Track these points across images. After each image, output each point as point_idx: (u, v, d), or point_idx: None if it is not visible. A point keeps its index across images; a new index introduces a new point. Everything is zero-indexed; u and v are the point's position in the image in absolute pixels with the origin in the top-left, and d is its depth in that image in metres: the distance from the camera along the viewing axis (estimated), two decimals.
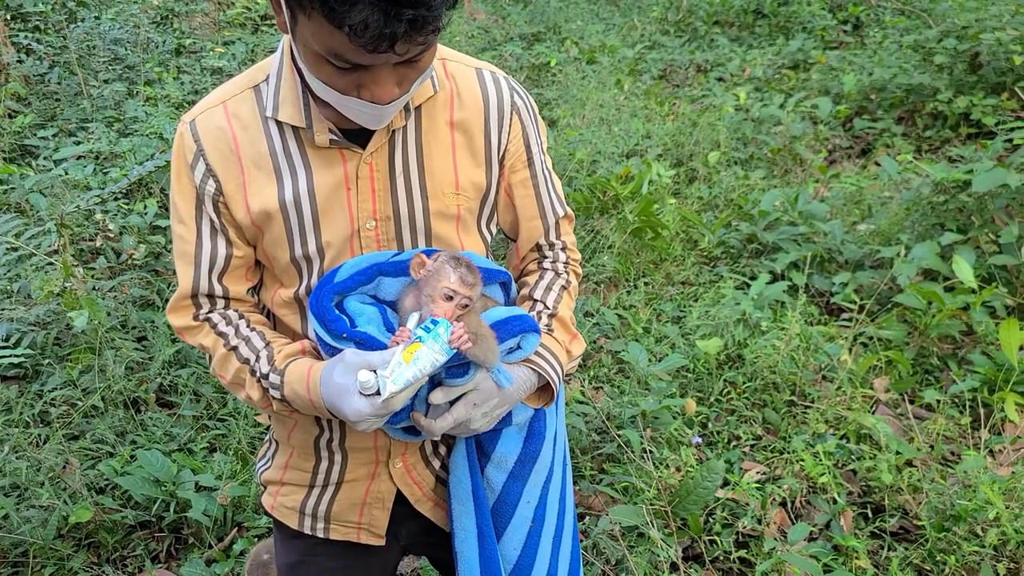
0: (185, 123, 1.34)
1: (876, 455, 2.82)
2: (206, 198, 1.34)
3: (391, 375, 1.19)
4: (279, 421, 1.53)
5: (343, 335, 1.27)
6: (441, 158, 1.37)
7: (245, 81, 1.36)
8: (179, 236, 1.38)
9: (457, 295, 1.26)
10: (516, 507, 1.48)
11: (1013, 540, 2.41)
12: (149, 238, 4.03)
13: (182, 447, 3.04)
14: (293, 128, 1.31)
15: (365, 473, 1.50)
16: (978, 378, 3.23)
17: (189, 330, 1.42)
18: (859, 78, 6.44)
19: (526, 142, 1.44)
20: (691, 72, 7.64)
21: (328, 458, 1.51)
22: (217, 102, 1.35)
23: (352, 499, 1.52)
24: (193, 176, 1.33)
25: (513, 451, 1.46)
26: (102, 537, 2.73)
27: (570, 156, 5.07)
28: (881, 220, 4.32)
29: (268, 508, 1.61)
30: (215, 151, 1.32)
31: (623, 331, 3.77)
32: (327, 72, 1.15)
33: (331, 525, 1.55)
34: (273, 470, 1.59)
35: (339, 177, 1.32)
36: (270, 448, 1.63)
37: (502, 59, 7.39)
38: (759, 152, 5.72)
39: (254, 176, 1.32)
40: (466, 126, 1.38)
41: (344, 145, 1.31)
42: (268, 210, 1.32)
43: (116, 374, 3.14)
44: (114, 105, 5.66)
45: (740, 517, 2.66)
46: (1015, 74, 5.64)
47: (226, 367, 1.39)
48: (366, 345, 1.26)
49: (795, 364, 3.24)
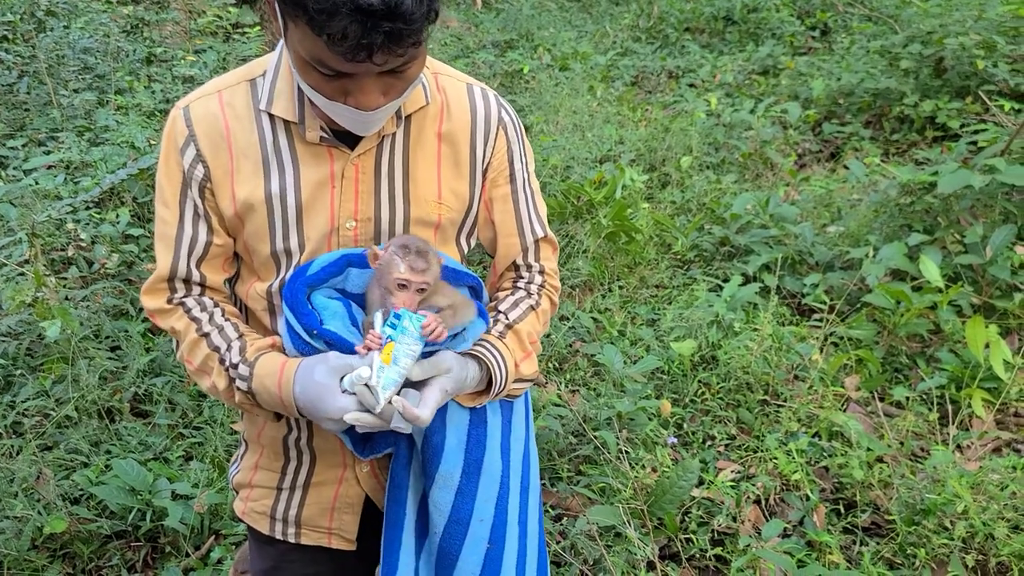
0: (179, 108, 1.36)
1: (847, 452, 2.86)
2: (193, 183, 1.35)
3: (379, 382, 1.21)
4: (251, 420, 1.54)
5: (313, 331, 1.28)
6: (426, 167, 1.40)
7: (242, 74, 1.39)
8: (161, 219, 1.39)
9: (411, 283, 1.26)
10: (468, 526, 1.39)
11: (981, 532, 2.46)
12: (122, 247, 4.00)
13: (157, 456, 3.03)
14: (285, 123, 1.35)
15: (333, 477, 1.51)
16: (946, 375, 3.29)
17: (161, 312, 1.42)
18: (827, 83, 6.54)
19: (510, 158, 1.46)
20: (663, 78, 7.72)
21: (296, 458, 1.52)
22: (213, 91, 1.37)
23: (321, 503, 1.53)
24: (182, 160, 1.35)
25: (456, 465, 1.39)
26: (77, 548, 2.70)
27: (544, 162, 5.11)
28: (850, 222, 4.39)
29: (240, 513, 1.61)
30: (207, 138, 1.34)
31: (598, 334, 3.80)
32: (314, 78, 1.19)
33: (302, 530, 1.55)
34: (243, 472, 1.60)
35: (325, 174, 1.35)
36: (240, 449, 1.64)
37: (475, 67, 7.42)
38: (730, 156, 5.79)
39: (242, 165, 1.34)
40: (453, 138, 1.41)
41: (333, 144, 1.34)
42: (252, 201, 1.35)
43: (90, 384, 3.12)
44: (84, 114, 5.61)
45: (715, 515, 2.69)
46: (979, 78, 5.75)
47: (195, 353, 1.40)
48: (335, 346, 1.28)
49: (768, 364, 3.29)
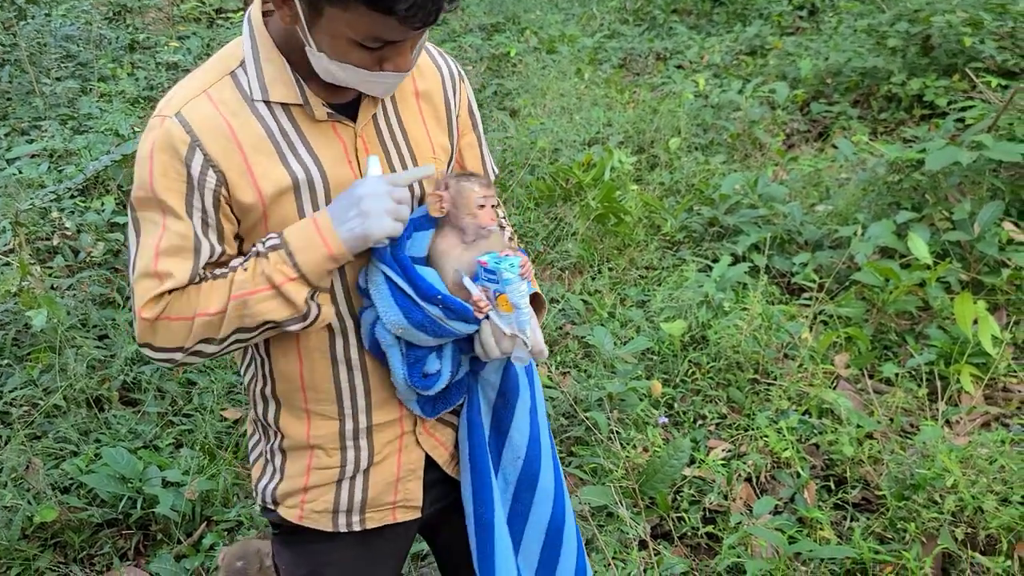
0: (167, 117, 1.28)
1: (837, 429, 2.87)
2: (205, 191, 1.28)
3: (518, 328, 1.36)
4: (292, 420, 1.46)
5: (438, 297, 1.32)
6: (416, 126, 1.45)
7: (218, 68, 1.33)
8: (173, 231, 1.29)
9: (487, 199, 1.39)
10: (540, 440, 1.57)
11: (970, 506, 2.47)
12: (107, 235, 3.98)
13: (147, 444, 3.02)
14: (284, 108, 1.32)
15: (393, 448, 1.49)
16: (934, 351, 3.31)
17: (166, 308, 1.30)
18: (815, 63, 6.53)
19: (470, 107, 1.57)
20: (650, 60, 7.69)
21: (355, 446, 1.47)
22: (198, 91, 1.30)
23: (386, 478, 1.50)
24: (188, 169, 1.27)
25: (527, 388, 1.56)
26: (68, 536, 2.70)
27: (532, 145, 5.09)
28: (839, 201, 4.40)
29: (295, 519, 1.50)
30: (214, 141, 1.28)
31: (589, 316, 3.80)
32: (357, 55, 1.21)
33: (367, 514, 1.51)
34: (290, 481, 1.49)
35: (339, 151, 1.35)
36: (272, 462, 1.53)
37: (462, 50, 7.38)
38: (719, 137, 5.78)
39: (257, 160, 1.30)
40: (429, 95, 1.47)
41: (338, 119, 1.34)
42: (282, 191, 1.31)
43: (77, 372, 3.11)
44: (68, 103, 5.57)
45: (707, 494, 2.70)
46: (966, 56, 5.74)
47: (207, 296, 1.30)
48: (456, 313, 1.34)
49: (758, 343, 3.29)
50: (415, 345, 1.38)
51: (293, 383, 1.44)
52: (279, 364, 1.44)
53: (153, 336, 1.32)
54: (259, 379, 1.48)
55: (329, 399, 1.44)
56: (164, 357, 1.34)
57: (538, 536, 1.60)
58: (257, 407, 1.52)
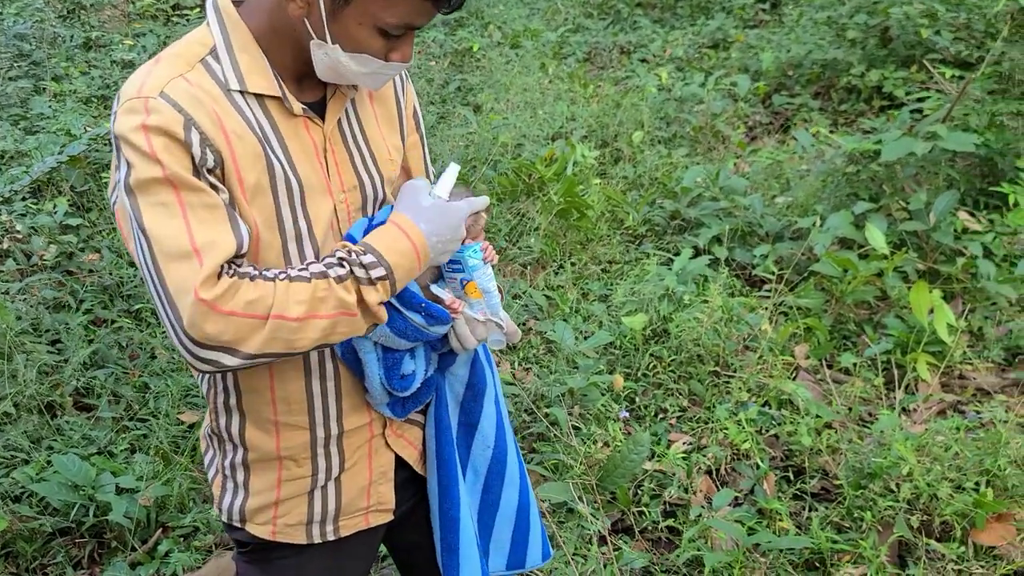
0: (152, 98, 1.16)
1: (797, 420, 2.89)
2: (203, 171, 1.18)
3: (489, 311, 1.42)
4: (259, 433, 1.40)
5: (422, 305, 1.34)
6: (373, 128, 1.43)
7: (187, 56, 1.24)
8: (196, 204, 1.16)
9: None
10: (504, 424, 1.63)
11: (925, 493, 2.50)
12: (60, 238, 3.89)
13: (102, 450, 2.96)
14: (259, 99, 1.27)
15: (363, 454, 1.47)
16: (892, 341, 3.34)
17: (227, 293, 1.14)
18: (777, 55, 6.57)
19: (415, 108, 1.55)
20: (615, 54, 7.69)
21: (325, 455, 1.43)
22: (174, 75, 1.21)
23: (359, 484, 1.47)
24: (192, 148, 1.16)
25: (492, 374, 1.61)
26: (20, 546, 2.64)
27: (494, 140, 5.06)
28: (799, 192, 4.42)
29: (267, 536, 1.45)
30: (205, 119, 1.18)
31: (551, 311, 3.79)
32: (378, 44, 1.21)
33: (340, 522, 1.48)
34: (258, 497, 1.44)
35: (309, 149, 1.32)
36: (233, 478, 1.46)
37: (425, 45, 7.33)
38: (682, 130, 5.80)
39: (241, 150, 1.22)
40: (381, 97, 1.47)
41: (311, 115, 1.32)
42: (263, 184, 1.25)
43: (28, 379, 3.04)
44: (20, 102, 5.44)
45: (667, 487, 2.70)
46: (923, 47, 5.81)
47: (294, 296, 1.18)
48: (436, 319, 1.36)
49: (718, 336, 3.30)
50: (391, 349, 1.38)
51: (262, 395, 1.38)
52: (247, 377, 1.37)
53: (215, 326, 1.13)
54: (220, 391, 1.41)
55: (300, 410, 1.39)
56: (212, 357, 1.16)
57: (508, 522, 1.65)
58: (219, 419, 1.43)
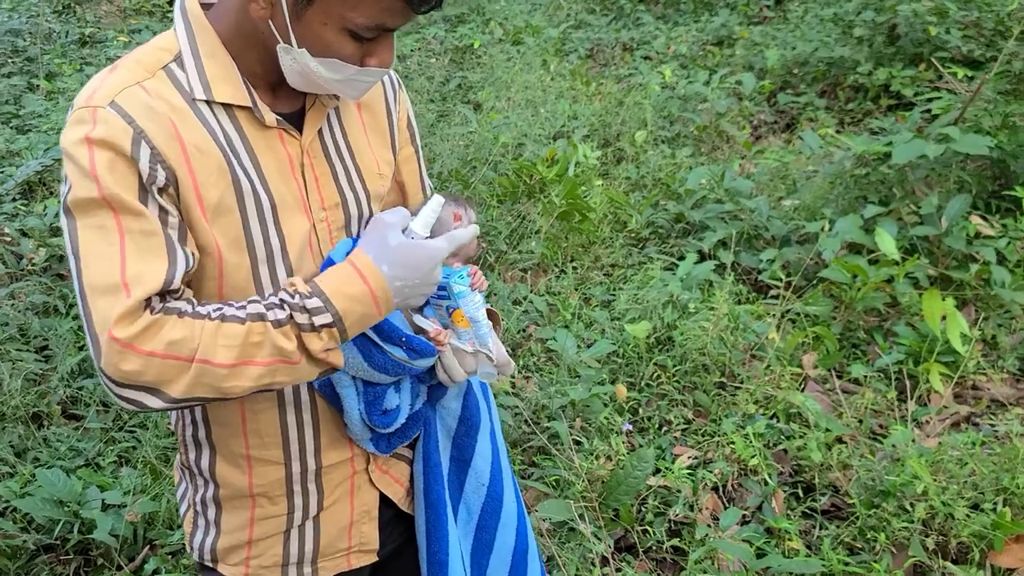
0: (101, 108, 1.08)
1: (806, 433, 2.80)
2: (153, 189, 1.09)
3: (479, 342, 1.32)
4: (230, 468, 1.31)
5: (402, 339, 1.23)
6: (361, 140, 1.33)
7: (148, 62, 1.16)
8: (134, 231, 1.08)
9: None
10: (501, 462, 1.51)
11: (941, 513, 2.40)
12: (50, 240, 3.80)
13: (89, 462, 2.87)
14: (227, 110, 1.17)
15: (344, 491, 1.36)
16: (903, 350, 3.24)
17: (146, 332, 1.06)
18: (782, 53, 6.46)
19: (409, 118, 1.45)
20: (617, 51, 7.59)
21: (302, 491, 1.33)
22: (130, 82, 1.12)
23: (339, 523, 1.37)
24: (139, 164, 1.08)
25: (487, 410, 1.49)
26: (3, 563, 2.55)
27: (495, 140, 4.96)
28: (805, 195, 4.32)
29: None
30: (159, 133, 1.10)
31: (552, 317, 3.69)
32: (347, 48, 1.12)
33: (319, 564, 1.38)
34: (229, 536, 1.35)
35: (284, 163, 1.22)
36: (204, 515, 1.37)
37: (425, 42, 7.23)
38: (685, 130, 5.69)
39: (201, 165, 1.13)
40: (370, 106, 1.37)
41: (286, 127, 1.22)
42: (227, 203, 1.15)
43: (13, 388, 2.95)
44: (13, 100, 5.36)
45: (672, 504, 2.61)
46: (931, 45, 5.70)
47: (223, 341, 1.09)
48: (420, 354, 1.25)
49: (724, 345, 3.21)
50: (372, 382, 1.28)
51: (232, 428, 1.28)
52: (216, 409, 1.28)
53: (127, 362, 1.05)
54: (189, 423, 1.32)
55: (275, 444, 1.30)
56: (134, 397, 1.08)
57: (503, 565, 1.52)
58: (188, 453, 1.34)
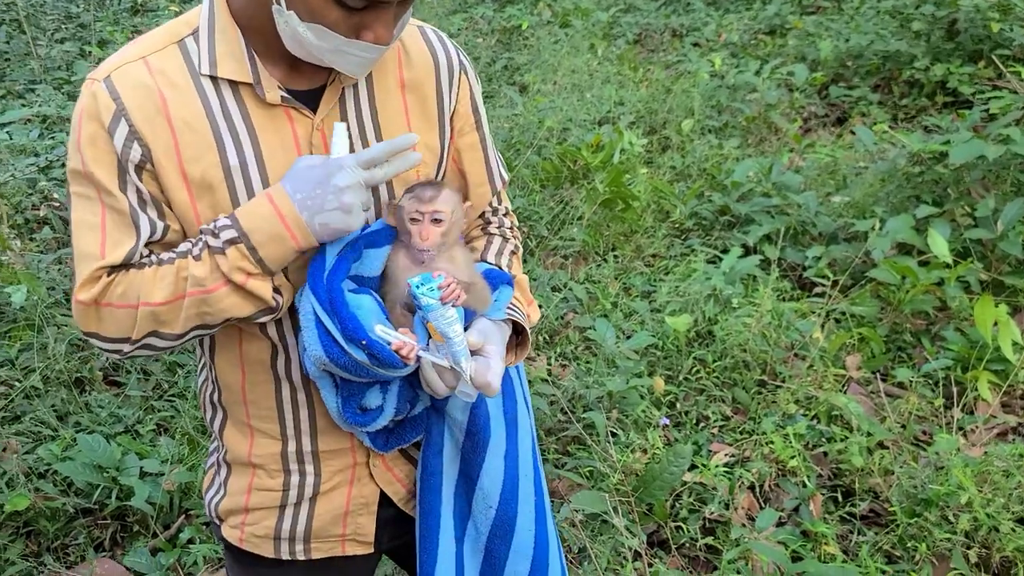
0: (96, 81, 1.16)
1: (847, 437, 2.74)
2: (129, 166, 1.15)
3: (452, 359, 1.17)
4: (235, 433, 1.36)
5: (363, 342, 1.12)
6: (398, 123, 1.27)
7: (165, 36, 1.20)
8: (111, 207, 1.17)
9: (423, 215, 1.20)
10: (518, 485, 1.36)
11: (985, 526, 2.35)
12: None
13: (128, 429, 2.91)
14: (232, 86, 1.17)
15: (343, 478, 1.36)
16: (951, 356, 3.16)
17: (103, 293, 1.16)
18: (836, 44, 6.31)
19: (474, 104, 1.37)
20: (666, 37, 7.47)
21: (299, 471, 1.34)
22: (135, 57, 1.18)
23: (333, 511, 1.37)
24: (113, 141, 1.14)
25: (501, 428, 1.35)
26: (42, 525, 2.60)
27: (540, 124, 4.92)
28: (855, 191, 4.23)
29: (235, 541, 1.40)
30: (139, 110, 1.15)
31: (591, 306, 3.66)
32: (335, 16, 1.07)
33: (312, 544, 1.38)
34: (231, 498, 1.39)
35: (288, 139, 1.19)
36: (219, 473, 1.42)
37: (473, 21, 7.18)
38: (734, 120, 5.60)
39: (188, 140, 1.16)
40: (417, 86, 1.29)
41: (294, 105, 1.19)
42: (210, 179, 1.16)
43: (58, 352, 2.99)
44: (65, 66, 5.42)
45: (708, 502, 2.58)
46: (992, 41, 5.53)
47: (158, 283, 1.15)
48: (382, 362, 1.13)
49: (766, 342, 3.16)
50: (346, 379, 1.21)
51: (235, 394, 1.33)
52: (223, 373, 1.32)
53: (97, 323, 1.18)
54: (209, 383, 1.38)
55: (271, 417, 1.32)
56: (111, 348, 1.21)
57: None
58: (206, 413, 1.42)
